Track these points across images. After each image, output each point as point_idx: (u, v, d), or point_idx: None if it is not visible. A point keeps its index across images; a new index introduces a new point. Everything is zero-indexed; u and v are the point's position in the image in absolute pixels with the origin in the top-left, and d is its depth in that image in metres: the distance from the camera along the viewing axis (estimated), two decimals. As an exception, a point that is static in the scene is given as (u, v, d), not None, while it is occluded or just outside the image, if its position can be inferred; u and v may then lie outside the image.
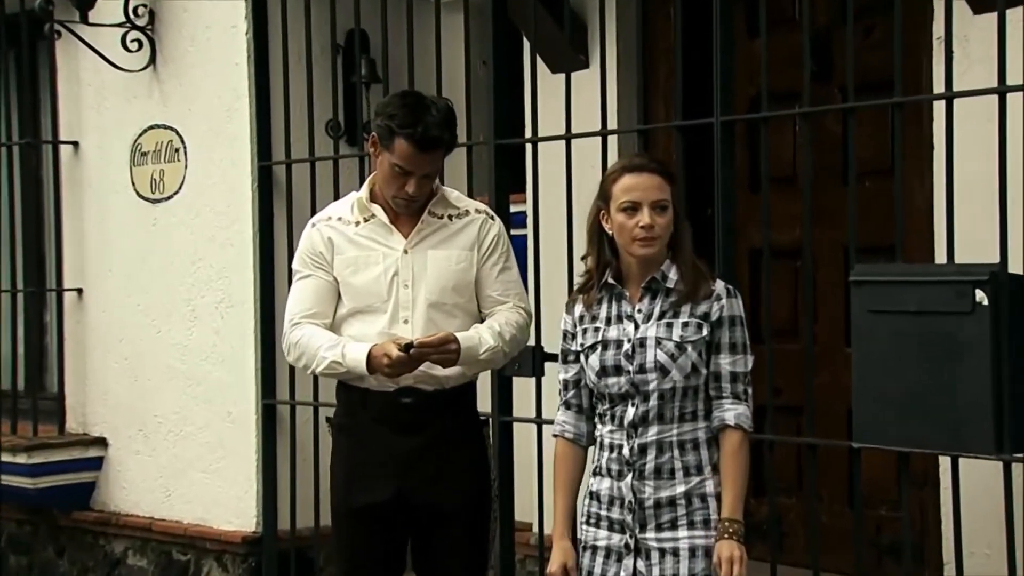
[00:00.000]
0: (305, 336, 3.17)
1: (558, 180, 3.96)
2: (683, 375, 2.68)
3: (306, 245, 3.23)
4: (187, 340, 5.14)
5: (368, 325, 3.15)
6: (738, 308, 2.70)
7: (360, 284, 3.16)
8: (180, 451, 5.18)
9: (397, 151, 3.08)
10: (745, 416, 2.67)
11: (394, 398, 3.13)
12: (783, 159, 4.30)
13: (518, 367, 3.93)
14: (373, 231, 3.20)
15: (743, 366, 2.67)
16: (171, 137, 5.18)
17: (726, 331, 2.66)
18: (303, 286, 3.22)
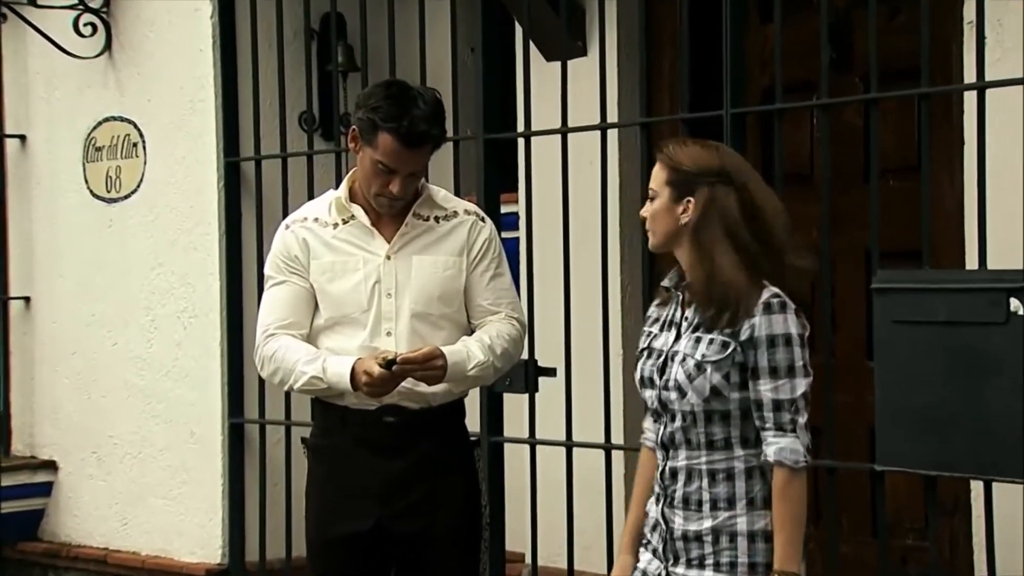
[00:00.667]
0: (281, 349, 3.12)
1: (553, 178, 3.96)
2: (700, 398, 2.59)
3: (279, 248, 3.18)
4: (146, 353, 5.13)
5: (347, 338, 3.10)
6: (781, 325, 2.54)
7: (338, 292, 3.12)
8: (138, 475, 5.16)
9: (381, 147, 3.03)
10: (790, 450, 2.53)
11: (376, 417, 3.09)
12: (799, 155, 4.31)
13: (509, 382, 3.93)
14: (352, 234, 3.15)
15: (788, 392, 2.54)
16: (128, 130, 5.18)
17: (763, 352, 2.55)
18: (277, 294, 3.17)
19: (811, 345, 2.51)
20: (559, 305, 3.94)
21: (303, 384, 3.10)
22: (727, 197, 2.59)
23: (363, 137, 3.07)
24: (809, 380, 2.56)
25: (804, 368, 2.56)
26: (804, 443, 2.55)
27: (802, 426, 2.55)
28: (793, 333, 2.55)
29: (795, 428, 2.55)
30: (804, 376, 2.56)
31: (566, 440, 3.92)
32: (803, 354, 2.56)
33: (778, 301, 2.57)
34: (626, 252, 4.44)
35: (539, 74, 4.17)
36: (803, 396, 2.56)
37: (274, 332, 3.15)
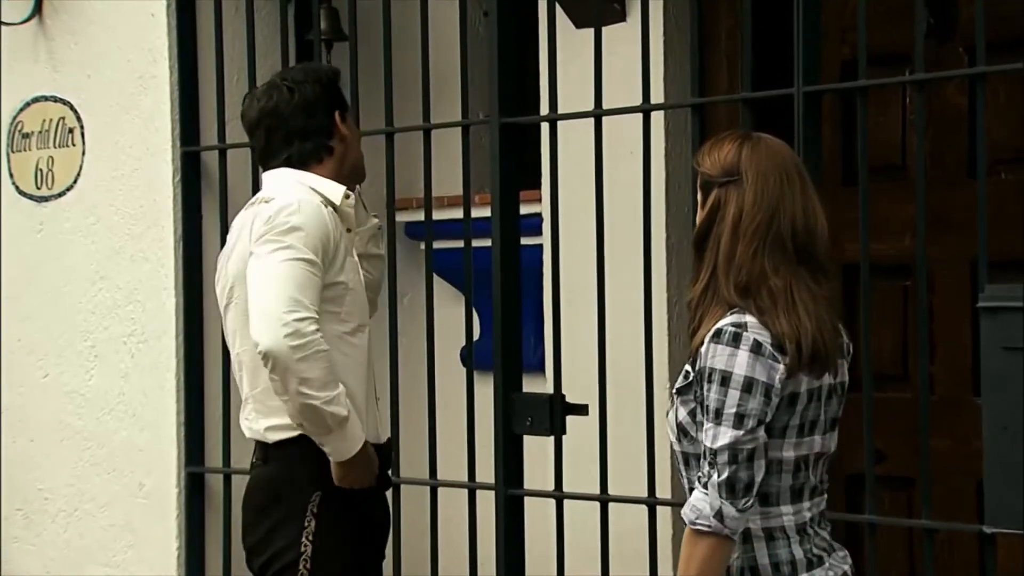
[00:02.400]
0: (328, 353, 3.34)
1: (584, 172, 3.99)
2: (674, 436, 2.76)
3: (324, 228, 3.41)
4: (84, 387, 5.16)
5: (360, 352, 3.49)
6: (723, 360, 2.64)
7: (363, 297, 3.52)
8: (75, 537, 5.19)
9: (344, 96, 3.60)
10: (690, 507, 2.66)
11: (386, 453, 3.59)
12: (888, 143, 4.32)
13: (531, 423, 3.96)
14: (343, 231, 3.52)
15: (709, 439, 2.65)
16: (63, 113, 5.21)
17: (703, 387, 2.68)
18: (313, 279, 3.36)
19: (903, 376, 2.55)
20: (591, 328, 3.97)
21: (331, 411, 3.34)
22: (733, 200, 2.71)
23: (343, 110, 3.53)
24: (739, 433, 2.62)
25: (736, 418, 2.62)
26: (713, 503, 2.63)
27: (716, 484, 2.63)
28: (735, 373, 2.63)
29: (706, 484, 2.64)
30: (733, 427, 2.62)
31: (600, 493, 3.95)
32: (742, 400, 2.62)
33: (732, 331, 2.65)
34: (674, 262, 4.46)
35: (567, 44, 4.20)
36: (726, 449, 2.63)
37: (317, 323, 3.33)
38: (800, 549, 2.73)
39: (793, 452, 2.71)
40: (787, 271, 2.69)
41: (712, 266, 2.73)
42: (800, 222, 2.72)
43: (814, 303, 2.70)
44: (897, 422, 4.03)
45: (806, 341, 2.67)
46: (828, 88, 3.75)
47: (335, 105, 3.58)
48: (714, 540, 2.65)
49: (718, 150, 2.77)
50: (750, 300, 2.68)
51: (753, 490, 2.64)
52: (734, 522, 2.64)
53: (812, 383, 2.71)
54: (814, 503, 2.76)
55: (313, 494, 3.45)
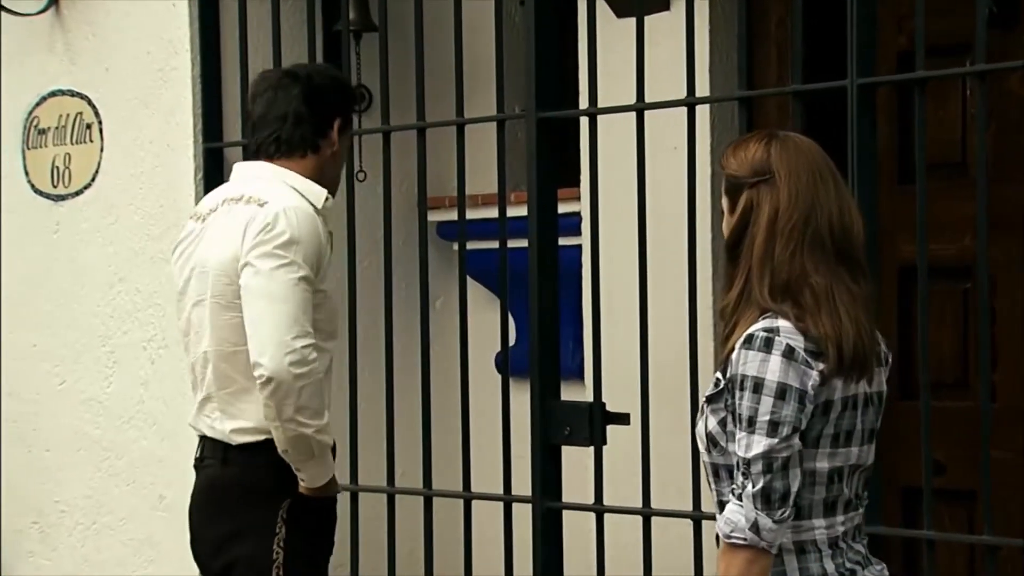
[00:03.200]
0: (325, 385, 3.48)
1: (626, 168, 3.98)
2: (704, 446, 2.77)
3: (318, 240, 3.51)
4: (102, 395, 5.19)
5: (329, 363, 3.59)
6: (755, 366, 2.65)
7: (337, 305, 3.61)
8: (92, 552, 5.22)
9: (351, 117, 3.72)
10: (724, 520, 2.68)
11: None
12: (947, 138, 4.31)
13: (569, 432, 3.96)
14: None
15: (742, 449, 2.66)
16: (81, 108, 5.24)
17: (735, 395, 2.69)
18: (309, 296, 3.46)
19: (963, 384, 2.54)
20: (633, 333, 3.96)
21: (320, 442, 3.46)
22: (767, 200, 2.72)
23: (344, 126, 3.65)
24: (774, 441, 2.62)
25: (770, 425, 2.63)
26: (748, 515, 2.64)
27: (751, 495, 2.63)
28: (767, 379, 2.64)
29: (740, 495, 2.65)
30: (767, 435, 2.63)
31: (643, 507, 3.94)
32: (775, 407, 2.63)
33: (763, 336, 2.66)
34: (720, 264, 4.45)
35: (608, 35, 4.20)
36: (760, 459, 2.63)
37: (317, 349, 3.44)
38: (831, 564, 2.73)
39: (827, 463, 2.71)
40: (827, 270, 2.70)
41: (747, 270, 2.74)
42: (837, 220, 2.73)
43: (853, 305, 2.71)
44: (957, 432, 4.01)
45: (847, 343, 2.67)
46: (884, 80, 3.74)
47: (339, 111, 3.64)
48: (750, 553, 2.65)
49: (744, 150, 2.78)
50: (787, 302, 2.68)
51: (789, 500, 2.64)
52: (771, 534, 2.64)
53: (847, 391, 2.71)
54: (848, 517, 2.76)
55: (283, 501, 3.54)
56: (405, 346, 4.54)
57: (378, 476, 4.44)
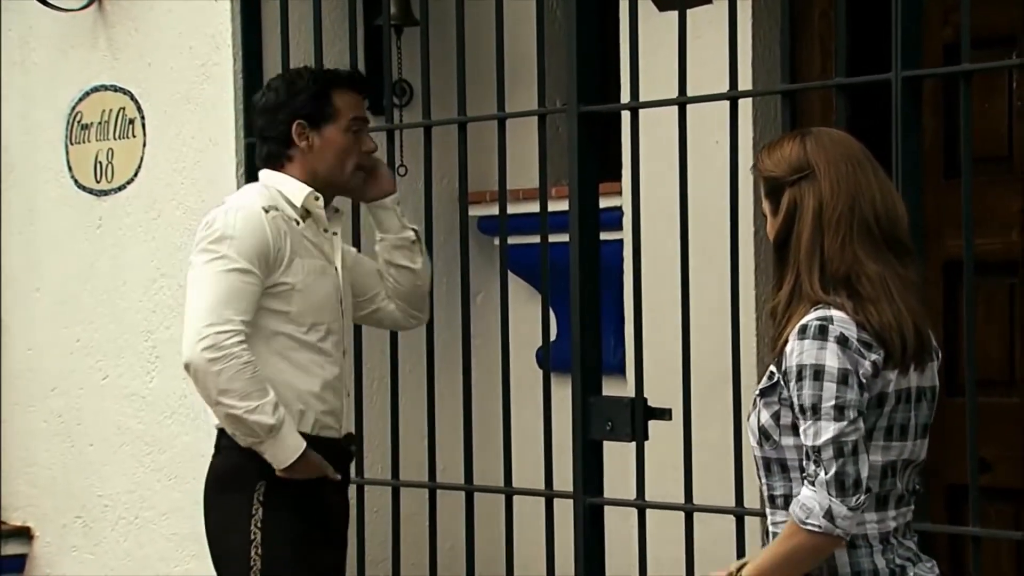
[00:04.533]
0: (255, 364, 3.58)
1: (668, 163, 3.97)
2: (755, 440, 2.79)
3: (263, 235, 3.65)
4: (145, 390, 5.20)
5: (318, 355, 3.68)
6: (812, 354, 2.67)
7: (321, 298, 3.71)
8: (135, 547, 5.24)
9: (343, 106, 3.74)
10: (800, 505, 2.67)
11: (344, 447, 3.81)
12: (994, 131, 4.27)
13: (611, 427, 3.95)
14: (314, 235, 3.76)
15: (811, 437, 2.67)
16: (123, 103, 5.26)
17: (793, 386, 2.70)
18: (247, 287, 3.63)
19: (1010, 381, 2.54)
20: (676, 327, 3.95)
21: (250, 422, 3.58)
22: (809, 195, 2.74)
23: (314, 119, 3.73)
24: (842, 425, 2.64)
25: (836, 410, 2.64)
26: (822, 502, 2.64)
27: (824, 481, 2.63)
28: (827, 365, 2.65)
29: (814, 481, 2.65)
30: (835, 420, 2.64)
31: (685, 503, 3.93)
32: (839, 392, 2.64)
33: (818, 324, 2.67)
34: (763, 258, 4.43)
35: (650, 28, 4.19)
36: (831, 444, 2.64)
37: (244, 335, 3.58)
38: (883, 559, 2.73)
39: (880, 456, 2.71)
40: (878, 257, 2.71)
41: (796, 266, 2.75)
42: (881, 206, 2.74)
43: (905, 292, 2.72)
44: (1003, 430, 3.98)
45: (908, 331, 2.69)
46: (929, 73, 3.71)
47: (296, 114, 3.74)
48: (823, 540, 2.66)
49: (779, 150, 2.81)
50: (841, 294, 2.69)
51: (863, 486, 2.64)
52: (846, 522, 2.64)
53: (900, 384, 2.71)
54: (900, 512, 2.76)
55: (258, 483, 3.66)
56: (446, 342, 4.54)
57: (420, 471, 4.44)
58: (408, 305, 3.97)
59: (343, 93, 3.78)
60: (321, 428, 3.72)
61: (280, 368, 3.67)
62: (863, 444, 2.65)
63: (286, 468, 3.62)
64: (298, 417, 3.68)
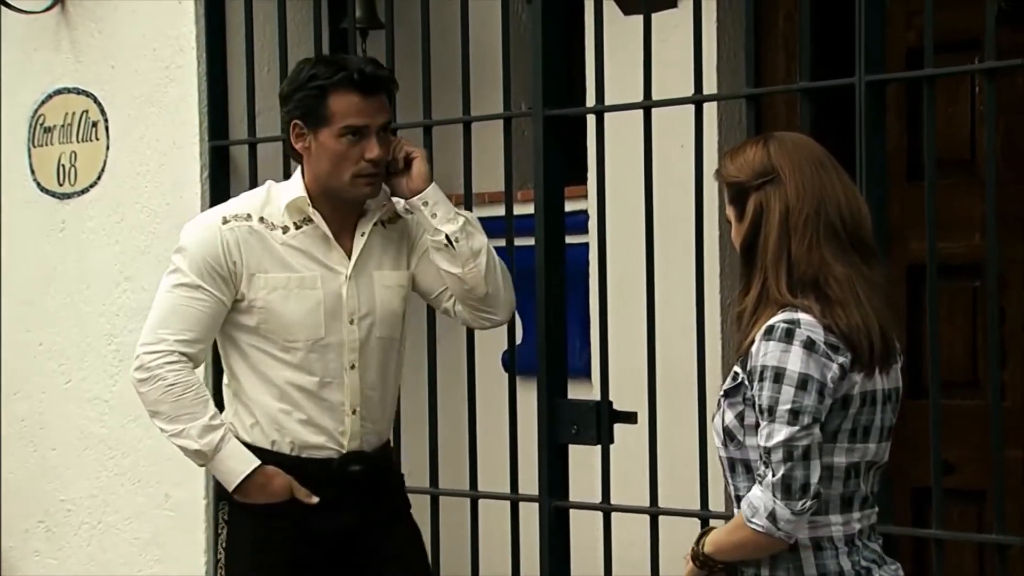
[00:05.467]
0: (182, 387, 3.44)
1: (633, 166, 3.98)
2: (720, 441, 2.79)
3: (211, 246, 3.47)
4: (108, 393, 5.19)
5: (297, 372, 3.45)
6: (775, 356, 2.68)
7: (290, 316, 3.46)
8: (98, 551, 5.22)
9: (339, 111, 3.41)
10: (748, 503, 2.70)
11: (340, 467, 3.51)
12: (956, 135, 4.30)
13: (576, 431, 3.95)
14: (306, 244, 3.50)
15: (764, 437, 2.69)
16: (86, 106, 5.24)
17: (755, 387, 2.72)
18: (190, 302, 3.46)
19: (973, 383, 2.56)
20: (640, 331, 3.96)
21: (181, 445, 3.45)
22: (775, 199, 2.75)
23: (311, 120, 3.44)
24: (794, 430, 2.65)
25: (791, 414, 2.66)
26: (767, 504, 2.66)
27: (771, 483, 2.66)
28: (788, 369, 2.67)
29: (763, 481, 2.68)
30: (788, 424, 2.66)
31: (650, 506, 3.94)
32: (796, 397, 2.66)
33: (784, 327, 2.69)
34: (727, 262, 4.45)
35: (615, 32, 4.19)
36: (780, 447, 2.66)
37: (181, 352, 3.45)
38: (848, 561, 2.74)
39: (845, 458, 2.72)
40: (845, 259, 2.73)
41: (763, 270, 2.76)
42: (846, 208, 2.75)
43: (872, 293, 2.74)
44: (967, 432, 4.00)
45: (875, 334, 2.71)
46: (893, 77, 3.73)
47: (292, 114, 3.49)
48: (763, 540, 2.69)
49: (742, 155, 2.81)
50: (809, 296, 2.70)
51: (810, 491, 2.65)
52: (788, 525, 2.66)
53: (865, 386, 2.73)
54: (864, 514, 2.77)
55: (220, 503, 3.59)
56: (411, 344, 4.53)
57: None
58: (471, 307, 3.61)
59: (342, 95, 3.42)
60: (302, 449, 3.50)
61: (254, 385, 3.50)
62: (817, 449, 2.66)
63: (235, 491, 3.46)
64: (272, 437, 3.50)
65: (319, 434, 3.51)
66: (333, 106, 3.42)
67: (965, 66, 3.82)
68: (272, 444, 3.50)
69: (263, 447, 3.50)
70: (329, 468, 3.50)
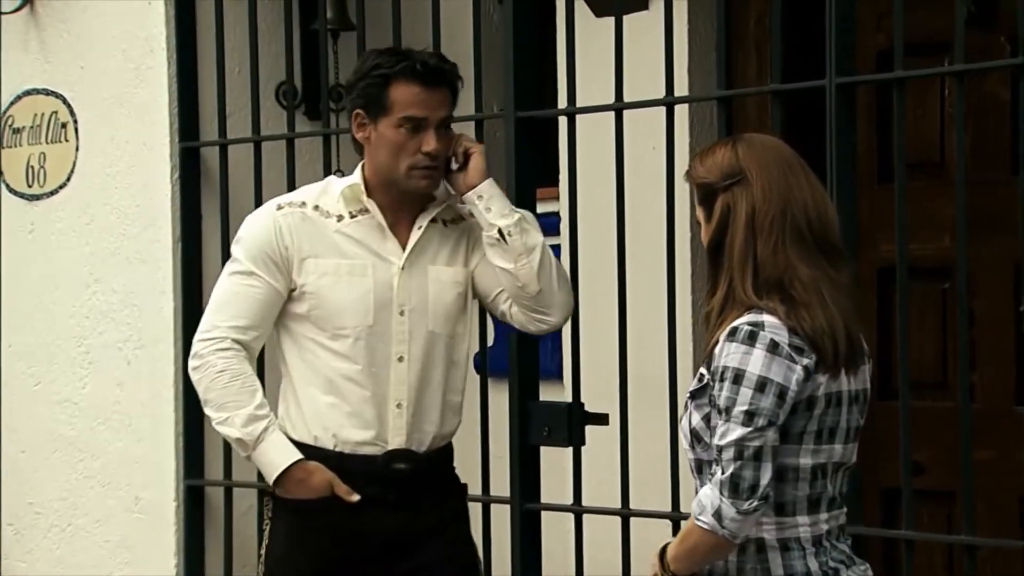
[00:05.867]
0: (234, 373, 3.41)
1: (604, 168, 3.99)
2: (687, 442, 2.80)
3: (266, 233, 3.45)
4: (78, 396, 5.17)
5: (343, 360, 3.40)
6: (737, 357, 2.69)
7: (339, 301, 3.42)
8: (68, 554, 5.20)
9: (400, 100, 3.39)
10: (697, 502, 2.71)
11: (384, 464, 3.43)
12: (926, 137, 4.32)
13: (548, 433, 3.95)
14: (361, 232, 3.46)
15: (718, 436, 2.70)
16: (55, 107, 5.23)
17: (716, 386, 2.73)
18: (246, 290, 3.44)
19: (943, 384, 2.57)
20: (612, 333, 3.96)
21: (225, 433, 3.43)
22: (742, 200, 2.76)
23: (371, 110, 3.41)
24: (747, 431, 2.66)
25: (746, 415, 2.66)
26: (713, 502, 2.67)
27: (719, 481, 2.67)
28: (748, 371, 2.67)
29: (713, 479, 2.69)
30: (742, 424, 2.67)
31: (621, 507, 3.95)
32: (753, 399, 2.66)
33: (748, 329, 2.70)
34: (699, 263, 4.45)
35: (586, 34, 4.20)
36: (732, 446, 2.67)
37: (233, 339, 3.43)
38: (815, 561, 2.75)
39: (811, 459, 2.73)
40: (811, 261, 2.74)
41: (729, 271, 2.77)
42: (813, 210, 2.76)
43: (838, 295, 2.75)
44: (936, 433, 4.02)
45: (840, 336, 2.71)
46: (863, 80, 3.75)
47: (355, 103, 3.47)
48: (710, 539, 2.69)
49: (711, 156, 2.83)
50: (775, 298, 2.71)
51: (757, 492, 2.66)
52: (733, 524, 2.66)
53: (831, 387, 2.74)
54: (832, 515, 2.78)
55: (265, 499, 3.58)
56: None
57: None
58: (525, 307, 3.51)
59: (403, 85, 3.39)
60: (346, 445, 3.44)
61: (303, 376, 3.46)
62: (768, 452, 2.66)
63: (275, 485, 3.42)
64: (316, 432, 3.45)
65: (364, 428, 3.44)
66: (393, 95, 3.40)
67: (934, 68, 3.84)
68: (315, 440, 3.44)
69: (306, 442, 3.44)
70: (373, 465, 3.44)
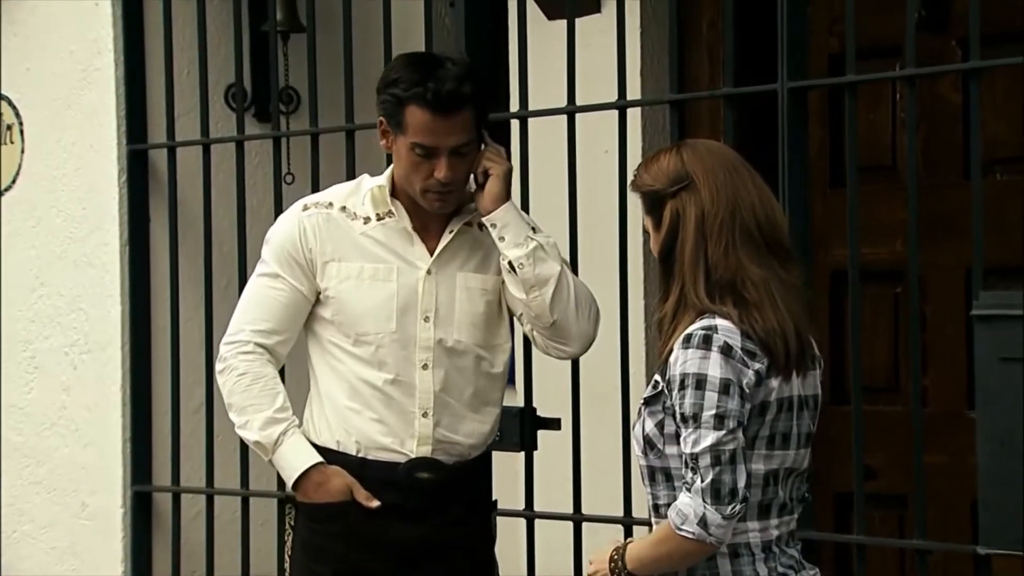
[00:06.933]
0: (255, 376, 3.39)
1: (557, 171, 3.99)
2: (640, 449, 2.81)
3: (292, 234, 3.41)
4: (24, 401, 5.14)
5: (367, 367, 3.35)
6: (695, 363, 2.70)
7: (361, 306, 3.37)
8: (14, 560, 5.16)
9: (411, 124, 3.29)
10: (677, 510, 2.71)
11: (407, 472, 3.37)
12: (878, 142, 4.34)
13: (500, 438, 3.94)
14: (387, 236, 3.40)
15: (690, 444, 2.71)
16: (1, 109, 5.20)
17: (675, 395, 2.74)
18: (271, 293, 3.41)
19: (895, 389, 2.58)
20: (565, 337, 3.96)
21: (244, 435, 3.40)
22: (691, 204, 2.79)
23: (391, 123, 3.33)
24: (721, 434, 2.68)
25: (716, 419, 2.69)
26: (697, 510, 2.68)
27: (700, 489, 2.68)
28: (709, 375, 2.70)
29: (691, 488, 2.69)
30: (714, 428, 2.69)
31: (573, 513, 3.95)
32: (720, 402, 2.69)
33: (702, 334, 2.72)
34: (651, 268, 4.46)
35: (538, 37, 4.20)
36: (708, 452, 2.68)
37: (257, 344, 3.39)
38: (765, 567, 2.77)
39: (763, 465, 2.75)
40: (761, 261, 2.76)
41: (681, 276, 2.79)
42: (761, 211, 2.79)
43: (788, 296, 2.77)
44: (888, 437, 4.04)
45: (790, 334, 2.74)
46: (815, 84, 3.76)
47: (380, 110, 3.37)
48: (695, 546, 2.70)
49: (656, 164, 2.85)
50: (727, 301, 2.73)
51: (739, 495, 2.68)
52: (719, 530, 2.68)
53: (782, 392, 2.75)
54: (783, 521, 2.80)
55: (287, 506, 3.55)
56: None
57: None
58: (542, 334, 3.41)
59: (415, 110, 3.26)
60: (368, 450, 3.37)
61: (328, 380, 3.41)
62: (741, 454, 2.69)
63: (294, 488, 3.38)
64: (338, 436, 3.39)
65: (387, 435, 3.38)
66: (408, 118, 3.28)
67: (886, 73, 3.86)
68: (337, 444, 3.39)
69: (328, 447, 3.39)
70: (394, 472, 3.37)
